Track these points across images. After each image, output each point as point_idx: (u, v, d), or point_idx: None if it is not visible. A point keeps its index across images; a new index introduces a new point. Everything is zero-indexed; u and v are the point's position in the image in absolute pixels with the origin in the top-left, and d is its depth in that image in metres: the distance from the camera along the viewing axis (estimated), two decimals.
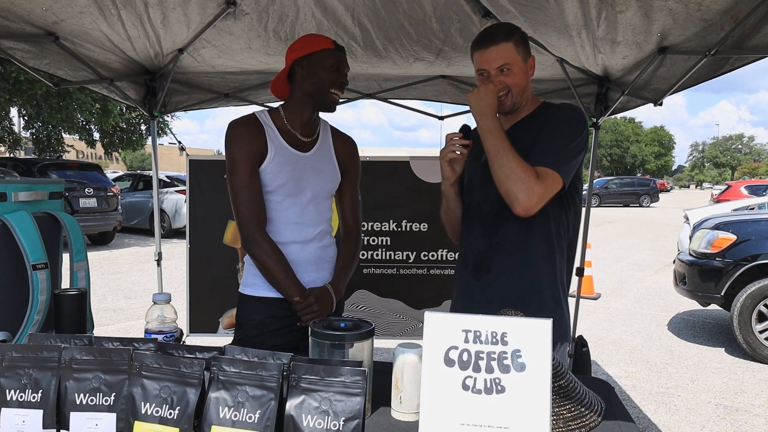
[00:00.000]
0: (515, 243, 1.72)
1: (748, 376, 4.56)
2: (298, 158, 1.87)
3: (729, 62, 2.30)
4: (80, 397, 0.99)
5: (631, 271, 9.56)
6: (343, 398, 0.93)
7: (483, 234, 1.78)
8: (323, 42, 1.86)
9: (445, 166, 1.77)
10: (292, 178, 1.84)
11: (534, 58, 1.76)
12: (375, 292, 3.73)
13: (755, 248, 5.03)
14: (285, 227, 1.86)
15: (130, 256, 10.30)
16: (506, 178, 1.58)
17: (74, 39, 2.85)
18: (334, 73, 1.83)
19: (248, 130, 1.82)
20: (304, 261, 1.87)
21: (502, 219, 1.73)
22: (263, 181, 1.84)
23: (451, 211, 1.91)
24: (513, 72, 1.68)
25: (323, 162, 1.94)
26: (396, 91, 3.88)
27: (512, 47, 1.68)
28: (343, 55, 1.88)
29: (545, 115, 1.75)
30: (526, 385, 0.96)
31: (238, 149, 1.79)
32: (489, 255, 1.76)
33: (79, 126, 15.68)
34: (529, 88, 1.78)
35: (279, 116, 1.91)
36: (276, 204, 1.85)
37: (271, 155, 1.83)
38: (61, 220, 1.63)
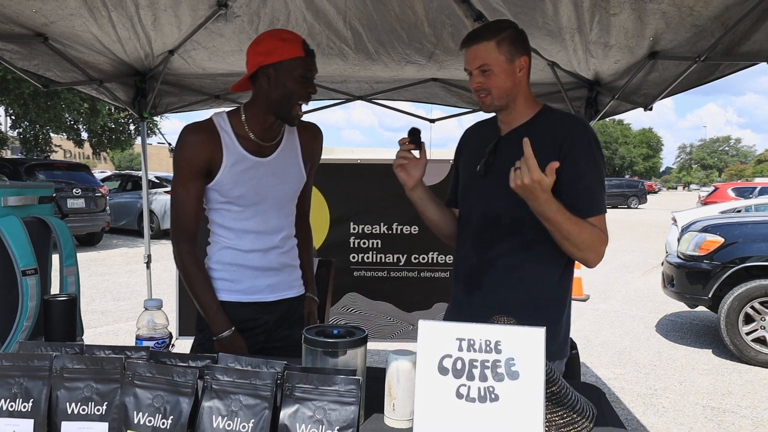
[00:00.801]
0: (509, 262, 1.67)
1: (735, 378, 4.60)
2: (257, 165, 1.77)
3: (719, 69, 2.33)
4: (72, 406, 0.98)
5: (620, 273, 9.62)
6: (337, 407, 0.93)
7: (474, 248, 1.73)
8: (293, 49, 1.67)
9: (399, 172, 1.73)
10: (251, 187, 1.76)
11: (527, 59, 1.66)
12: (365, 294, 3.74)
13: (742, 251, 5.08)
14: (246, 236, 1.80)
15: (118, 257, 10.22)
16: (580, 251, 1.58)
17: (64, 40, 2.83)
18: (303, 84, 1.69)
19: (199, 138, 1.71)
20: (266, 267, 1.84)
21: (494, 236, 1.68)
22: (220, 192, 1.76)
23: (424, 216, 1.86)
24: (493, 73, 1.61)
25: (287, 165, 1.84)
26: (387, 93, 3.89)
27: (493, 47, 1.60)
28: (313, 62, 1.72)
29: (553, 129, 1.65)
30: (519, 393, 0.96)
31: (182, 157, 1.72)
32: (480, 271, 1.71)
33: (66, 126, 15.55)
34: (522, 89, 1.67)
35: (239, 120, 1.77)
36: (236, 214, 1.78)
37: (225, 165, 1.72)
38: (51, 224, 1.62)
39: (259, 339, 1.85)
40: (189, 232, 1.75)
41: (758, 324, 4.95)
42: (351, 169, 3.71)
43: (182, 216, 1.74)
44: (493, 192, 1.68)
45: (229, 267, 1.82)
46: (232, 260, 1.82)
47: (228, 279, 1.83)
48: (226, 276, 1.83)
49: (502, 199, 1.65)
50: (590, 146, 1.62)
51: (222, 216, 1.82)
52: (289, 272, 1.92)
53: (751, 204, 9.99)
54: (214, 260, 1.86)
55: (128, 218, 13.60)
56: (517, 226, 1.65)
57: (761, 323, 4.93)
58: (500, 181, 1.63)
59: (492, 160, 1.70)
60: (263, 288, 1.84)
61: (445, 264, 3.71)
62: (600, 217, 1.60)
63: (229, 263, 1.82)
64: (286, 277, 1.91)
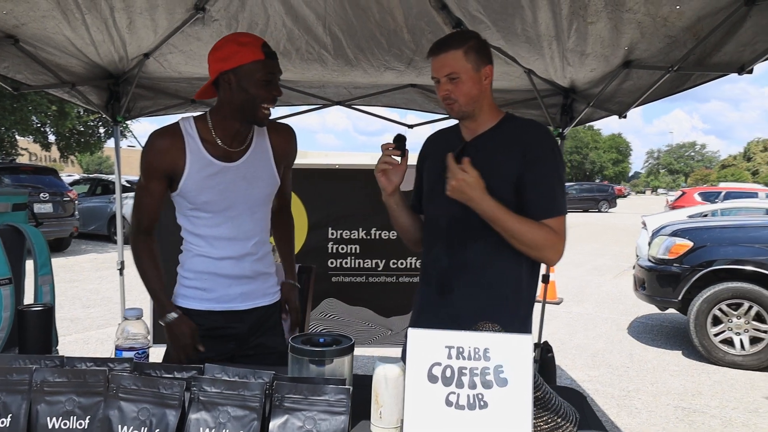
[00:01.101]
0: (481, 263, 1.71)
1: (704, 378, 4.72)
2: (224, 170, 1.74)
3: (691, 78, 2.39)
4: (53, 421, 0.96)
5: (592, 276, 9.78)
6: (327, 417, 0.93)
7: (445, 251, 1.75)
8: (252, 53, 1.63)
9: (380, 177, 1.76)
10: (218, 192, 1.73)
11: (491, 67, 1.72)
12: (344, 300, 3.72)
13: (710, 254, 5.21)
14: (218, 243, 1.77)
15: (87, 263, 10.00)
16: (532, 250, 1.64)
17: (35, 42, 2.77)
18: (265, 87, 1.66)
19: (163, 142, 1.71)
20: (239, 275, 1.81)
21: (466, 238, 1.72)
22: (187, 199, 1.75)
23: (396, 221, 1.89)
24: (461, 80, 1.66)
25: (257, 168, 1.80)
26: (365, 99, 3.89)
27: (461, 55, 1.65)
28: (275, 63, 1.68)
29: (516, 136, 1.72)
30: (508, 400, 0.97)
31: (145, 159, 1.73)
32: (453, 273, 1.73)
33: (33, 128, 15.16)
34: (487, 96, 1.74)
35: (206, 125, 1.74)
36: (205, 221, 1.76)
37: (189, 171, 1.70)
38: (26, 232, 1.57)
39: (230, 346, 1.83)
40: (145, 227, 1.80)
41: (725, 326, 5.08)
42: (330, 174, 3.70)
43: (140, 213, 1.79)
44: None
45: (201, 275, 1.80)
46: (204, 269, 1.80)
47: (200, 287, 1.81)
48: (198, 284, 1.81)
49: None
50: (552, 152, 1.70)
51: (192, 223, 1.80)
52: (263, 280, 1.89)
53: (718, 208, 10.26)
54: (186, 268, 1.83)
55: (98, 223, 13.31)
56: (485, 227, 1.68)
57: (728, 325, 5.06)
58: None
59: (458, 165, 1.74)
60: (236, 296, 1.82)
61: None
62: (559, 218, 1.67)
63: (201, 272, 1.80)
64: (260, 285, 1.87)
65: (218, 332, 1.82)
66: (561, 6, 2.25)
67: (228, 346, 1.83)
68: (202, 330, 1.80)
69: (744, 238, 5.24)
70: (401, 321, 3.76)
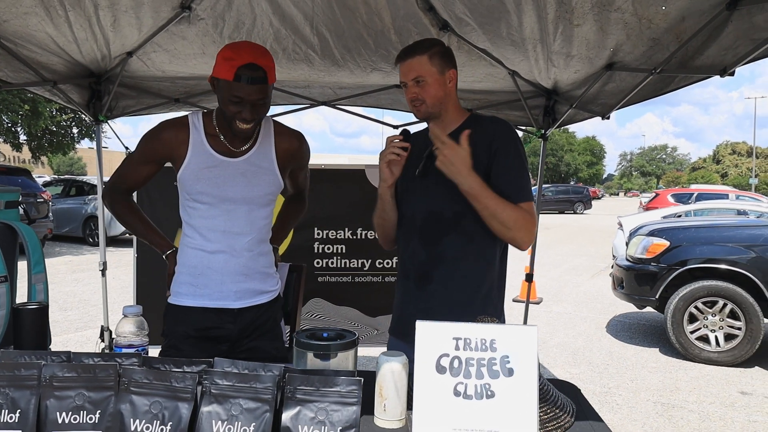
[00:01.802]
0: (456, 255, 1.78)
1: (681, 374, 4.83)
2: (223, 164, 1.78)
3: (675, 81, 2.45)
4: (62, 416, 0.95)
5: (570, 276, 9.93)
6: (339, 408, 0.94)
7: (423, 245, 1.82)
8: (226, 70, 1.65)
9: (384, 168, 1.82)
10: (214, 185, 1.76)
11: (455, 71, 1.83)
12: (330, 300, 3.73)
13: (686, 254, 5.34)
14: (211, 235, 1.79)
15: (62, 265, 9.81)
16: (508, 230, 1.69)
17: (16, 40, 2.72)
18: (233, 105, 1.68)
19: (166, 132, 1.80)
20: (232, 271, 1.81)
21: (441, 232, 1.80)
22: (184, 188, 1.81)
23: (386, 215, 1.94)
24: (427, 83, 1.76)
25: (258, 167, 1.83)
26: (351, 99, 3.90)
27: (426, 60, 1.75)
28: (243, 87, 1.65)
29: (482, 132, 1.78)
30: (514, 389, 1.00)
31: (147, 143, 1.84)
32: (431, 266, 1.80)
33: (4, 128, 14.80)
34: (452, 98, 1.84)
35: (211, 121, 1.82)
36: (202, 211, 1.79)
37: (189, 161, 1.77)
38: (19, 230, 1.55)
39: (221, 348, 1.82)
40: (124, 189, 1.92)
41: (701, 323, 5.21)
42: (315, 174, 3.67)
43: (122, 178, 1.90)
44: (434, 191, 1.82)
45: (194, 270, 1.81)
46: (197, 262, 1.81)
47: (192, 283, 1.81)
48: (191, 280, 1.81)
49: (443, 196, 1.79)
50: (515, 144, 1.81)
51: (188, 214, 1.83)
52: (260, 279, 1.88)
53: (691, 209, 10.51)
54: (181, 263, 1.85)
55: (72, 225, 13.05)
56: (458, 220, 1.78)
57: (704, 322, 5.19)
58: (439, 180, 1.77)
59: (430, 164, 1.81)
60: (229, 294, 1.81)
61: None
62: (529, 203, 1.75)
63: (194, 266, 1.81)
64: (256, 285, 1.87)
65: (210, 333, 1.82)
66: (547, 10, 2.30)
67: (220, 348, 1.82)
68: (194, 331, 1.80)
69: (718, 238, 5.39)
70: (387, 320, 3.73)
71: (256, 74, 1.65)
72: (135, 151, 1.87)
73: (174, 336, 1.84)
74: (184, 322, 1.82)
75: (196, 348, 1.78)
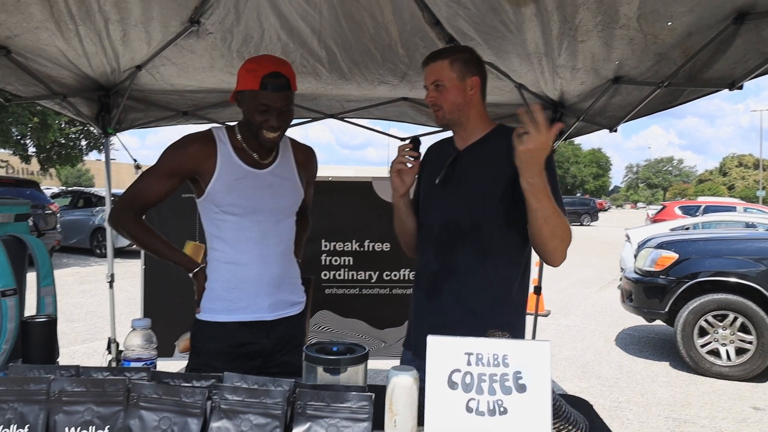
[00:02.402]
0: (469, 268, 1.73)
1: (692, 389, 4.77)
2: (252, 175, 1.81)
3: (684, 94, 2.45)
4: (71, 431, 0.95)
5: (577, 289, 9.87)
6: (350, 424, 0.93)
7: (436, 256, 1.78)
8: (251, 81, 1.72)
9: (395, 178, 1.80)
10: (245, 197, 1.79)
11: (478, 79, 1.77)
12: (337, 312, 3.72)
13: (696, 266, 5.30)
14: (244, 246, 1.80)
15: (69, 276, 9.84)
16: (556, 239, 1.60)
17: (27, 54, 2.75)
18: (260, 114, 1.73)
19: (193, 146, 1.78)
20: (266, 283, 1.82)
21: (456, 243, 1.75)
22: (214, 202, 1.79)
23: (402, 223, 1.92)
24: (446, 88, 1.74)
25: (282, 179, 1.88)
26: (358, 112, 3.92)
27: (447, 65, 1.74)
28: (270, 95, 1.71)
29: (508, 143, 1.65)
30: (527, 405, 0.98)
31: (169, 155, 1.80)
32: (442, 278, 1.76)
33: (13, 141, 14.93)
34: (475, 106, 1.79)
35: (234, 135, 1.85)
36: (233, 223, 1.80)
37: (218, 173, 1.77)
38: (28, 243, 1.56)
39: (255, 363, 1.83)
40: (138, 208, 1.82)
41: (712, 337, 5.15)
42: (322, 186, 3.69)
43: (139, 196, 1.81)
44: (453, 201, 1.78)
45: (227, 284, 1.81)
46: (230, 276, 1.81)
47: (226, 298, 1.81)
48: (225, 295, 1.81)
49: (461, 208, 1.76)
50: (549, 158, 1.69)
51: (218, 227, 1.82)
52: (291, 290, 1.92)
53: (699, 222, 10.45)
54: (211, 278, 1.84)
55: (80, 236, 13.11)
56: (475, 233, 1.73)
57: (714, 336, 5.14)
58: (459, 191, 1.76)
59: (451, 173, 1.80)
60: (263, 306, 1.83)
61: None
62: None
63: (227, 280, 1.81)
64: (288, 296, 1.90)
65: (245, 349, 1.82)
66: (551, 27, 2.30)
67: (254, 363, 1.83)
68: (228, 347, 1.80)
69: (727, 251, 5.35)
70: (395, 333, 3.76)
71: (280, 81, 1.72)
72: (156, 166, 1.82)
73: (207, 354, 1.82)
74: (218, 338, 1.81)
75: (230, 365, 1.75)
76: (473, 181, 1.76)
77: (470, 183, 1.77)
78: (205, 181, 1.77)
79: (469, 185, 1.77)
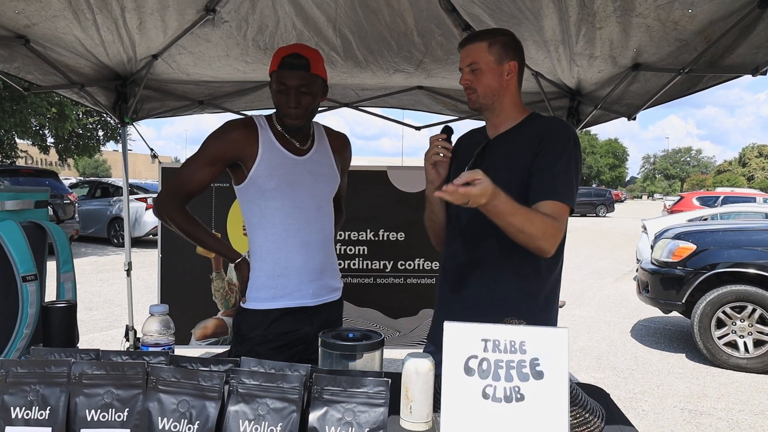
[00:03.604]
0: (496, 260, 1.70)
1: (709, 381, 4.73)
2: (292, 161, 1.84)
3: (703, 80, 2.40)
4: (91, 413, 0.96)
5: (593, 280, 9.80)
6: (366, 409, 0.93)
7: (463, 247, 1.75)
8: (274, 63, 1.79)
9: (430, 169, 1.76)
10: (287, 182, 1.81)
11: (515, 64, 1.72)
12: (352, 301, 3.72)
13: (714, 257, 5.23)
14: (287, 234, 1.82)
15: (88, 265, 9.97)
16: (532, 241, 1.56)
17: (45, 43, 2.77)
18: (280, 94, 1.78)
19: (235, 132, 1.81)
20: (310, 269, 1.85)
21: (484, 235, 1.71)
22: (257, 187, 1.81)
23: (434, 216, 1.88)
24: (482, 71, 1.68)
25: (321, 165, 1.91)
26: (373, 101, 3.90)
27: (484, 47, 1.68)
28: (286, 73, 1.76)
29: (536, 130, 1.70)
30: (544, 392, 0.98)
31: (212, 142, 1.82)
32: (468, 269, 1.73)
33: (32, 131, 15.13)
34: (510, 92, 1.74)
35: (273, 122, 1.89)
36: (276, 209, 1.82)
37: (261, 158, 1.80)
38: (48, 229, 1.58)
39: (297, 350, 1.85)
40: (182, 196, 1.84)
41: (729, 328, 5.09)
42: None
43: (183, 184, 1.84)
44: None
45: (272, 272, 1.83)
46: (274, 264, 1.83)
47: (271, 286, 1.83)
48: (269, 282, 1.83)
49: None
50: (568, 143, 1.67)
51: (261, 215, 1.84)
52: (332, 276, 1.94)
53: (717, 212, 10.30)
54: (256, 268, 1.86)
55: (97, 226, 13.27)
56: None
57: (732, 328, 5.08)
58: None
59: (480, 162, 1.75)
60: (307, 293, 1.85)
61: (431, 270, 3.73)
62: (557, 204, 1.61)
63: (271, 267, 1.83)
64: (329, 281, 1.92)
65: (289, 337, 1.85)
66: (569, 13, 2.27)
67: (296, 349, 1.85)
68: (273, 335, 1.82)
69: (746, 242, 5.27)
70: (409, 322, 3.76)
71: (298, 61, 1.75)
72: (198, 154, 1.84)
73: (251, 341, 1.84)
74: (262, 326, 1.84)
75: (274, 351, 1.80)
76: (502, 172, 1.67)
77: (498, 173, 1.66)
78: (248, 166, 1.80)
79: (498, 176, 1.66)
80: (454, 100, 3.82)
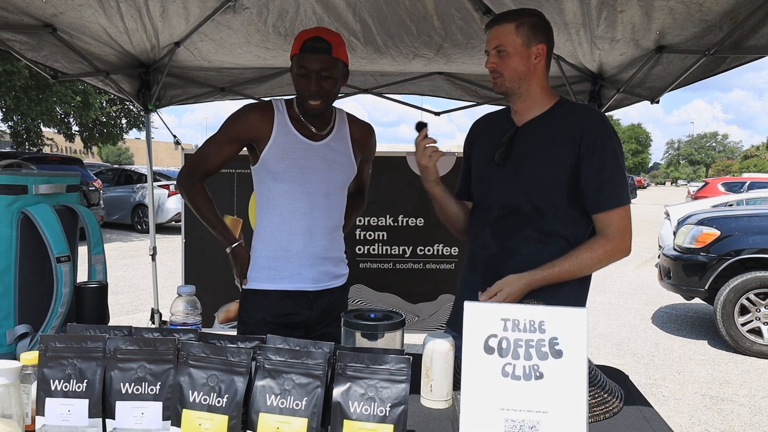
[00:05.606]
0: (531, 251, 1.66)
1: (731, 368, 4.69)
2: (307, 146, 1.85)
3: (726, 62, 2.37)
4: (125, 386, 1.01)
5: (614, 266, 9.66)
6: (388, 385, 0.96)
7: (494, 237, 1.71)
8: (295, 47, 1.79)
9: (426, 168, 1.74)
10: (298, 167, 1.82)
11: (544, 47, 1.65)
12: (371, 286, 3.76)
13: (738, 243, 5.16)
14: (292, 217, 1.84)
15: (113, 251, 10.18)
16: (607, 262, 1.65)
17: (71, 31, 2.83)
18: (300, 78, 1.79)
19: (252, 113, 1.85)
20: (311, 254, 1.86)
21: (516, 226, 1.68)
22: (267, 168, 1.83)
23: (444, 210, 1.86)
24: (508, 54, 1.62)
25: (337, 153, 1.90)
26: (392, 87, 3.91)
27: (512, 29, 1.61)
28: (306, 57, 1.76)
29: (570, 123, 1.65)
30: (563, 371, 1.00)
31: (228, 123, 1.87)
32: (501, 260, 1.69)
33: (58, 119, 15.40)
34: (538, 77, 1.67)
35: (292, 107, 1.90)
36: (283, 192, 1.83)
37: (273, 140, 1.82)
38: (79, 212, 1.63)
39: (297, 334, 1.87)
40: (200, 173, 1.90)
41: (753, 315, 5.04)
42: None
43: (201, 162, 1.89)
44: (513, 182, 1.69)
45: (273, 253, 1.85)
46: (276, 245, 1.85)
47: (270, 267, 1.86)
48: (269, 263, 1.86)
49: (522, 189, 1.66)
50: (610, 139, 1.64)
51: (268, 197, 1.86)
52: (335, 263, 1.94)
53: (743, 198, 10.11)
54: (256, 248, 1.89)
55: (122, 212, 13.52)
56: (537, 216, 1.66)
57: (756, 314, 5.02)
58: (519, 171, 1.66)
59: (510, 150, 1.70)
60: (307, 278, 1.87)
61: (450, 256, 3.75)
62: (620, 209, 1.61)
63: (272, 249, 1.86)
64: (331, 268, 1.93)
65: (289, 319, 1.87)
66: None
67: (296, 334, 1.86)
68: (272, 317, 1.85)
69: None
70: (428, 307, 3.79)
71: (319, 45, 1.75)
72: (218, 133, 1.90)
73: (252, 323, 1.88)
74: (262, 307, 1.87)
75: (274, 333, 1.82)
76: (534, 163, 1.66)
77: (530, 164, 1.67)
78: (261, 148, 1.83)
79: (530, 167, 1.67)
80: (474, 85, 3.80)
